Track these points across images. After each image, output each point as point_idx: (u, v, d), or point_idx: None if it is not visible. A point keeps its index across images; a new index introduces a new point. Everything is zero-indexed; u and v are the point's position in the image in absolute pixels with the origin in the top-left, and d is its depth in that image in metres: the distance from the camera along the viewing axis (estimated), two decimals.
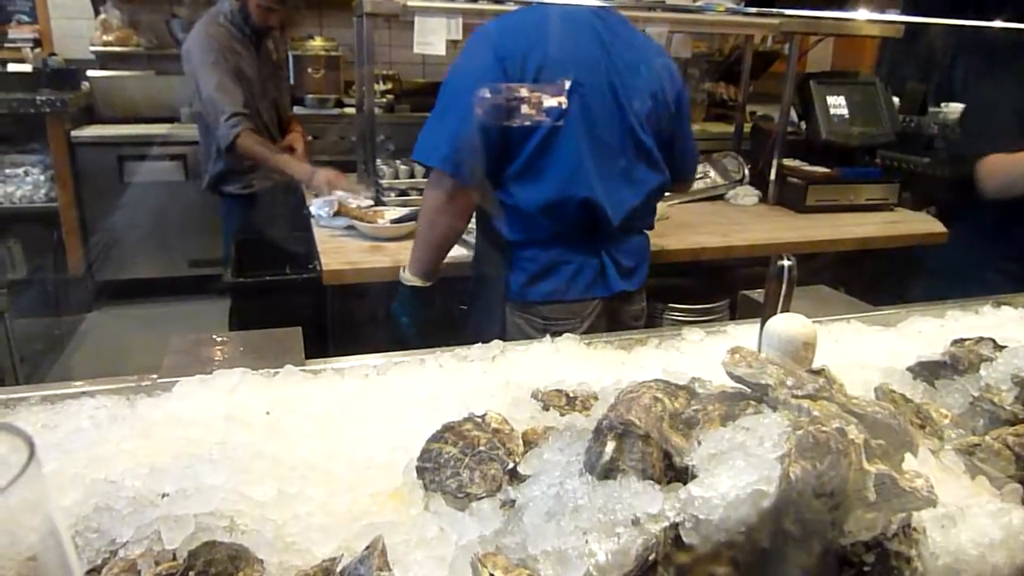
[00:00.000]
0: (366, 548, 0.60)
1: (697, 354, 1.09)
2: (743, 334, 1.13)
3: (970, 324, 1.22)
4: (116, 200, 4.22)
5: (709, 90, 5.00)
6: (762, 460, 0.56)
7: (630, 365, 1.06)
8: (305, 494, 0.69)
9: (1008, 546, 0.65)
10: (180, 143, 4.25)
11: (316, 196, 2.66)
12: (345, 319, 2.08)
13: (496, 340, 1.07)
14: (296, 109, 4.45)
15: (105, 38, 4.58)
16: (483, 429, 0.76)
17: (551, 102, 1.69)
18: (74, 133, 4.17)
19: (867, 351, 1.09)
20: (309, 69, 4.56)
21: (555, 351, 1.07)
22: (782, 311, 0.91)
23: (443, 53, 2.37)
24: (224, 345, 1.10)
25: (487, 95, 1.67)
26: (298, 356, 1.06)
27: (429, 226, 1.85)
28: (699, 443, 0.62)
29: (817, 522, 0.57)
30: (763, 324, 0.86)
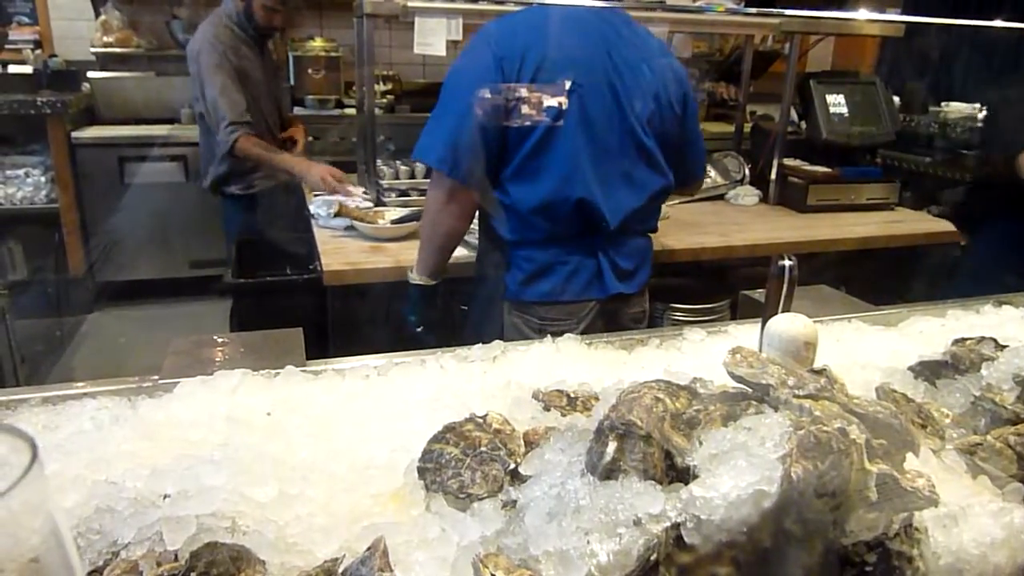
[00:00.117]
0: (367, 549, 0.61)
1: (698, 354, 1.08)
2: (744, 334, 1.13)
3: (971, 323, 1.22)
4: (117, 201, 4.23)
5: (709, 90, 5.01)
6: (764, 460, 0.56)
7: (631, 365, 1.06)
8: (306, 495, 0.69)
9: (1010, 545, 0.65)
10: (180, 144, 4.25)
11: (315, 193, 2.67)
12: (346, 320, 2.08)
13: (497, 340, 1.07)
14: (296, 110, 4.47)
15: (105, 39, 4.58)
16: (484, 430, 0.76)
17: (548, 102, 1.68)
18: (75, 134, 4.18)
19: (868, 351, 1.09)
20: (309, 70, 4.57)
21: (556, 351, 1.07)
22: (783, 311, 0.91)
23: (443, 54, 2.37)
24: (225, 346, 1.10)
25: (484, 95, 1.67)
26: (299, 357, 1.06)
27: (431, 226, 1.86)
28: (700, 443, 0.62)
29: (819, 522, 0.57)
30: (764, 324, 0.86)
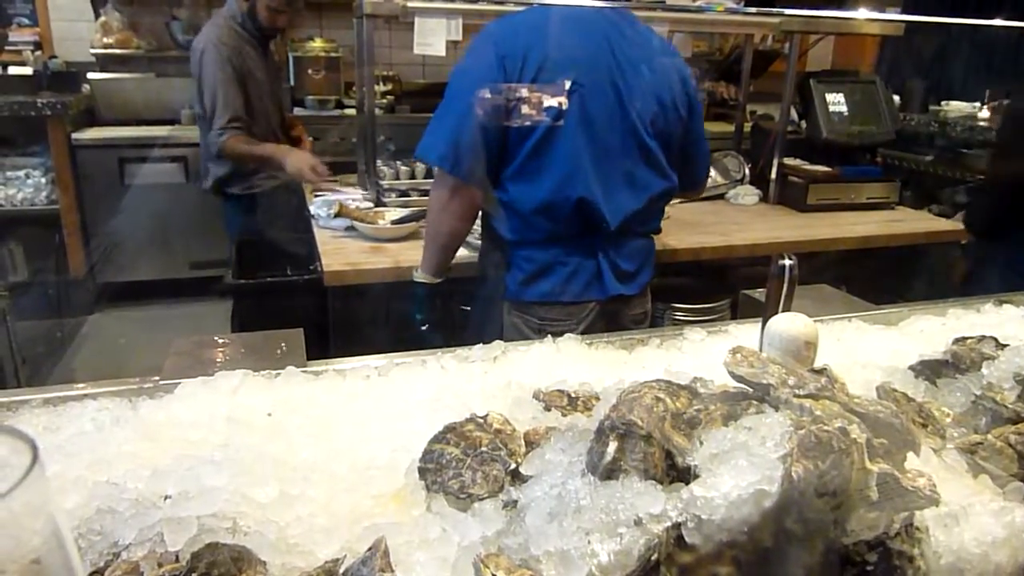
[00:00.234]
0: (368, 549, 0.61)
1: (699, 354, 1.08)
2: (745, 334, 1.13)
3: (972, 322, 1.21)
4: (117, 202, 4.23)
5: (709, 89, 5.01)
6: (764, 460, 0.56)
7: (632, 365, 1.06)
8: (307, 495, 0.69)
9: (1011, 544, 0.65)
10: (181, 145, 4.26)
11: (315, 194, 2.67)
12: (346, 320, 2.09)
13: (497, 340, 1.07)
14: (296, 110, 4.48)
15: (105, 40, 4.59)
16: (485, 430, 0.76)
17: (549, 102, 1.68)
18: (75, 135, 4.18)
19: (869, 350, 1.09)
20: (309, 70, 4.57)
21: (556, 351, 1.07)
22: (783, 310, 0.91)
23: (443, 54, 2.37)
24: (226, 347, 1.10)
25: (486, 94, 1.68)
26: (300, 357, 1.06)
27: (434, 224, 1.87)
28: (701, 443, 0.62)
29: (819, 521, 0.57)
30: (764, 323, 0.86)
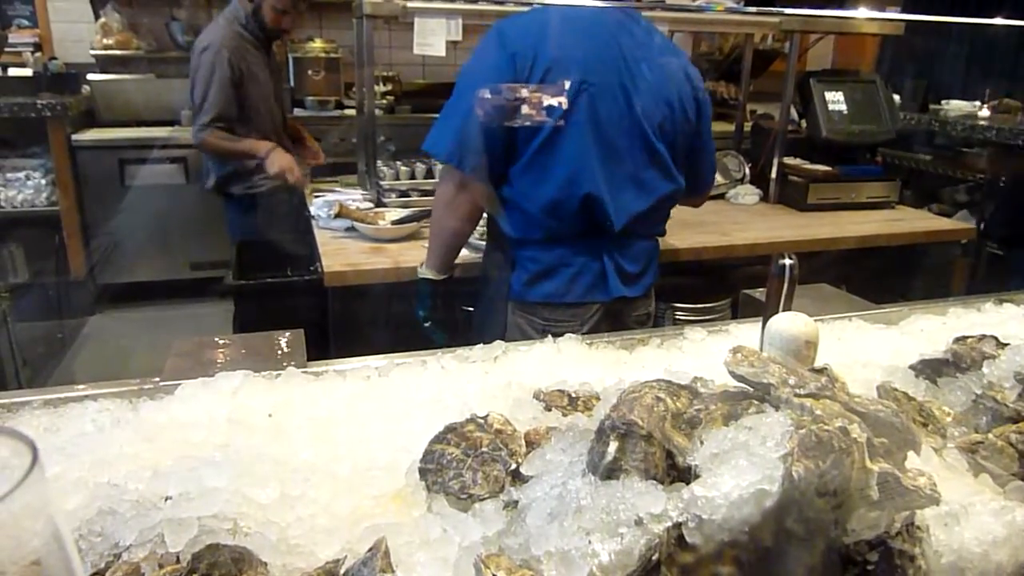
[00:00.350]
0: (369, 550, 0.61)
1: (699, 353, 1.08)
2: (745, 333, 1.13)
3: (972, 322, 1.21)
4: (117, 203, 4.23)
5: (709, 89, 5.00)
6: (765, 459, 0.56)
7: (632, 365, 1.06)
8: (308, 496, 0.69)
9: (1011, 543, 0.65)
10: (181, 146, 4.25)
11: (316, 194, 2.67)
12: (347, 321, 2.09)
13: (498, 341, 1.07)
14: (296, 111, 4.47)
15: (105, 41, 4.59)
16: (485, 430, 0.76)
17: (558, 101, 1.68)
18: (75, 137, 4.18)
19: (869, 349, 1.09)
20: (309, 71, 4.56)
21: (557, 351, 1.07)
22: (784, 310, 0.91)
23: (443, 54, 2.37)
24: (226, 347, 1.10)
25: (495, 91, 1.67)
26: (300, 358, 1.06)
27: (439, 219, 1.87)
28: (702, 443, 0.62)
29: (820, 521, 0.57)
30: (765, 323, 0.86)
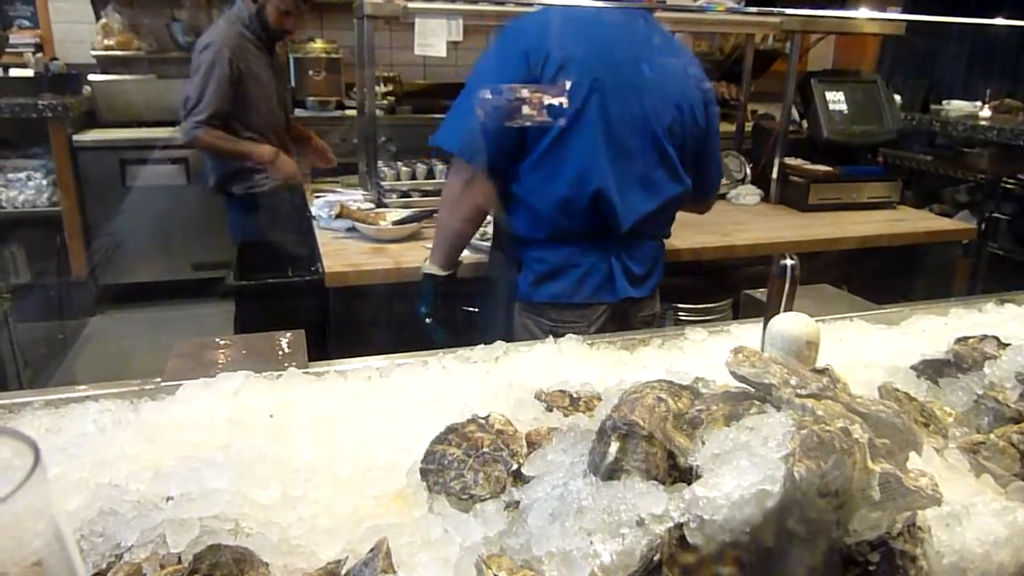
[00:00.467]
0: (370, 550, 0.61)
1: (700, 354, 1.08)
2: (746, 334, 1.13)
3: (973, 322, 1.21)
4: (118, 204, 4.24)
5: None
6: (766, 460, 0.56)
7: (633, 365, 1.06)
8: (309, 497, 0.69)
9: (1013, 544, 0.65)
10: (182, 147, 4.24)
11: (316, 194, 2.67)
12: (348, 321, 2.09)
13: (499, 341, 1.07)
14: (297, 112, 4.47)
15: (106, 42, 4.59)
16: (486, 430, 0.76)
17: (570, 98, 1.68)
18: (76, 137, 4.18)
19: (870, 350, 1.09)
20: (310, 71, 4.57)
21: (558, 352, 1.07)
22: (785, 310, 0.91)
23: (444, 55, 2.37)
24: (227, 348, 1.10)
25: (507, 88, 1.68)
26: (301, 358, 1.06)
27: (447, 214, 1.87)
28: (703, 443, 0.62)
29: (822, 521, 0.57)
30: (766, 323, 0.86)
